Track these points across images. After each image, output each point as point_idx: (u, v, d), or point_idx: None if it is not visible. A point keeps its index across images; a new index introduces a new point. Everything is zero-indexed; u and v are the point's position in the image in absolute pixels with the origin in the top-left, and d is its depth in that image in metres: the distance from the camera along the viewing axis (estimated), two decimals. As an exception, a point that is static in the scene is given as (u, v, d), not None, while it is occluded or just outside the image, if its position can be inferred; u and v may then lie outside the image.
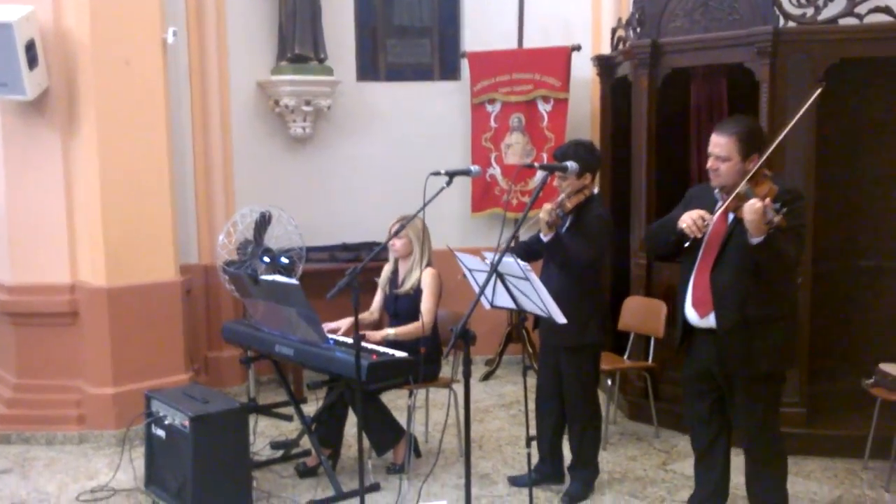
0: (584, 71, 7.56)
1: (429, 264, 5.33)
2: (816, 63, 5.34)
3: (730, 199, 3.79)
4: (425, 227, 5.28)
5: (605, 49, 7.29)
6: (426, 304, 5.19)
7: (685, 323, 4.13)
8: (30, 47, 5.59)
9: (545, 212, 4.54)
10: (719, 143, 3.90)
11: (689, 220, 3.81)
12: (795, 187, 3.98)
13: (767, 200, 3.55)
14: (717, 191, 3.98)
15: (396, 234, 5.00)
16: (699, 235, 3.82)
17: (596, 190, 4.82)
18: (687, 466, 5.19)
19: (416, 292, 5.29)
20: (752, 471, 4.12)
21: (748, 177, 3.79)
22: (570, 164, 4.38)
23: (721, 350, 3.97)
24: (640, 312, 6.03)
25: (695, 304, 4.05)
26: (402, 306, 5.35)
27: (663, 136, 6.22)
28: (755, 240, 3.64)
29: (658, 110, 6.13)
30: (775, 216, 3.51)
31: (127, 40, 5.87)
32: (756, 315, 3.86)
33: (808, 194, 5.34)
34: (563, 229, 4.73)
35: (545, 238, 4.64)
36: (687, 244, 3.93)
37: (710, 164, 3.95)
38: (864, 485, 5.05)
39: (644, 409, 6.10)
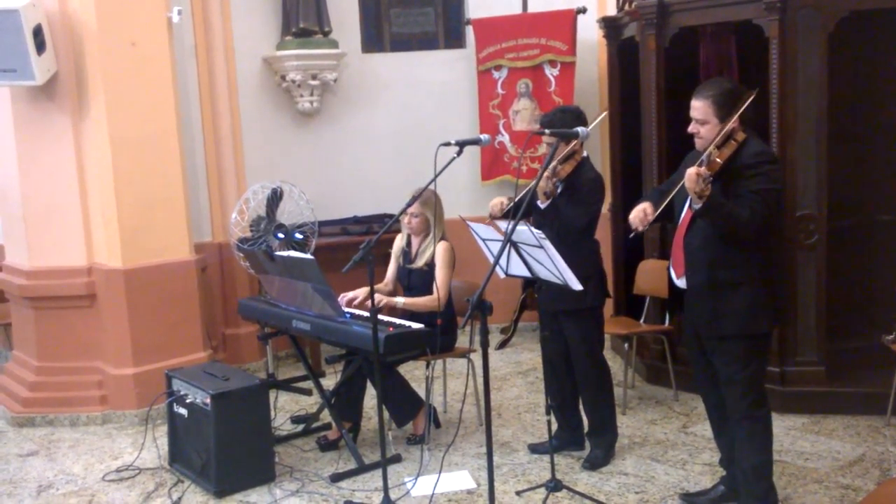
0: (589, 33, 7.50)
1: (442, 237, 5.32)
2: (826, 17, 5.26)
3: (698, 162, 3.85)
4: (439, 202, 5.24)
5: (611, 10, 7.21)
6: (441, 279, 5.18)
7: (671, 283, 4.20)
8: (37, 32, 5.60)
9: (543, 180, 4.52)
10: (696, 107, 3.94)
11: (633, 213, 4.01)
12: (766, 150, 3.97)
13: (702, 169, 3.66)
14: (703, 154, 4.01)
15: (408, 205, 4.88)
16: (641, 229, 3.99)
17: (585, 153, 4.81)
18: (707, 429, 5.18)
19: (430, 267, 5.28)
20: (735, 434, 4.06)
21: (713, 142, 3.84)
22: (581, 130, 4.35)
23: (692, 311, 4.05)
24: (655, 276, 6.00)
25: (673, 265, 4.14)
26: (416, 280, 5.34)
27: (672, 97, 6.17)
28: (696, 206, 3.72)
29: (666, 70, 6.07)
30: (703, 185, 3.62)
31: (132, 21, 5.86)
32: (723, 278, 3.90)
33: (821, 149, 5.32)
34: (557, 194, 4.73)
35: (542, 206, 4.64)
36: (632, 234, 4.08)
37: (690, 128, 4.00)
38: (888, 441, 5.04)
39: (662, 372, 6.10)
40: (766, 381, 4.16)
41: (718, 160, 3.79)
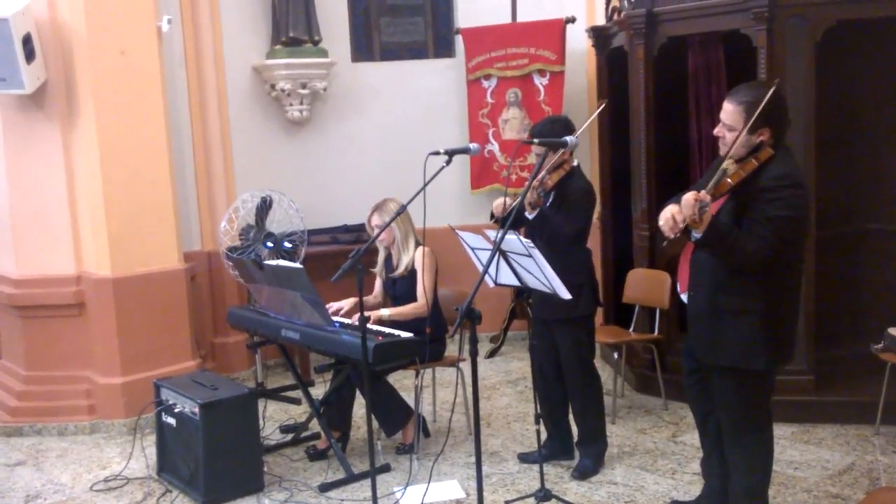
0: (579, 43, 7.52)
1: (418, 243, 5.32)
2: (813, 26, 5.29)
3: (716, 175, 3.56)
4: (403, 210, 5.12)
5: (600, 20, 7.24)
6: (423, 283, 5.19)
7: (678, 296, 4.08)
8: (27, 41, 5.59)
9: (529, 190, 4.52)
10: (726, 111, 3.59)
11: (662, 219, 3.48)
12: (791, 172, 3.51)
13: (702, 194, 3.33)
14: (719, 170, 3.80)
15: (381, 231, 4.94)
16: (672, 236, 3.48)
17: (576, 162, 4.81)
18: (696, 438, 5.21)
19: (412, 273, 5.30)
20: (729, 454, 3.90)
21: (730, 155, 3.54)
22: (570, 139, 4.36)
23: (691, 332, 3.88)
24: (645, 284, 6.03)
25: (679, 280, 3.97)
26: (401, 289, 5.36)
27: (661, 107, 6.19)
28: (695, 235, 3.42)
29: (655, 80, 6.09)
30: (697, 214, 3.30)
31: (122, 30, 5.86)
32: (724, 304, 3.62)
33: (809, 158, 5.32)
34: (547, 204, 4.73)
35: (530, 216, 4.65)
36: (666, 243, 3.69)
37: (716, 130, 3.70)
38: (877, 450, 5.06)
39: (652, 381, 6.10)
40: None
41: (730, 181, 3.47)
